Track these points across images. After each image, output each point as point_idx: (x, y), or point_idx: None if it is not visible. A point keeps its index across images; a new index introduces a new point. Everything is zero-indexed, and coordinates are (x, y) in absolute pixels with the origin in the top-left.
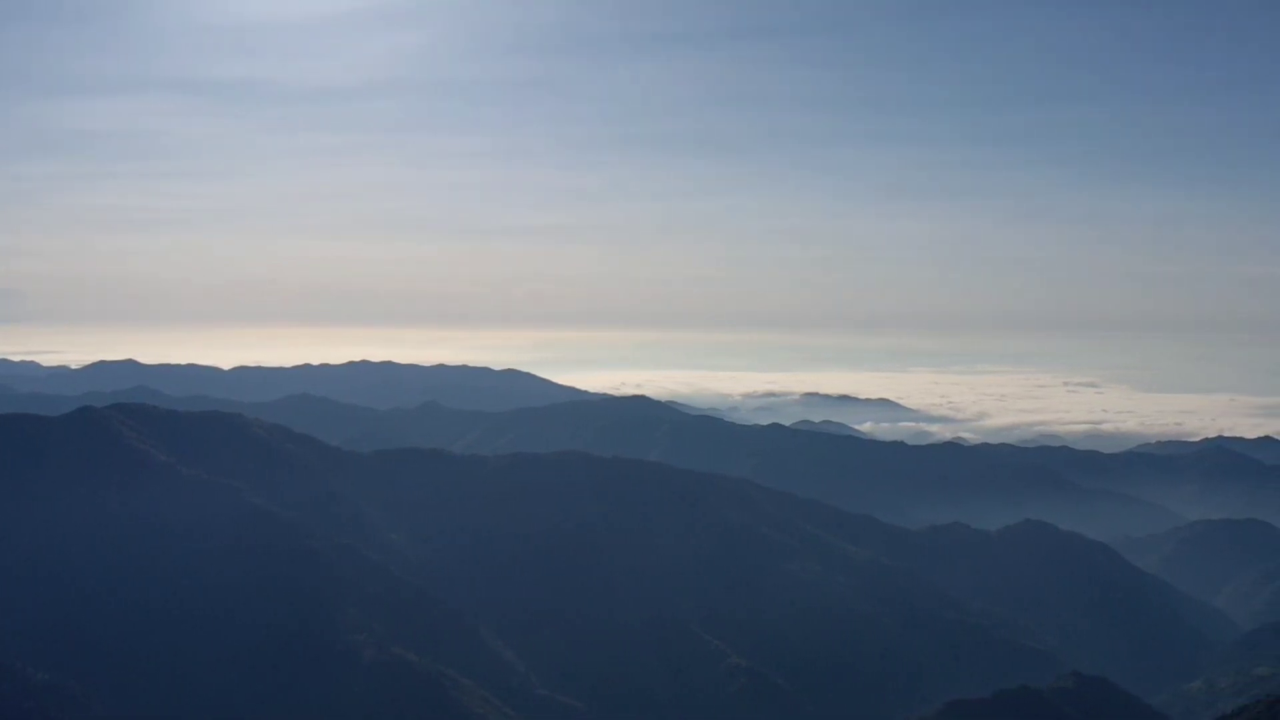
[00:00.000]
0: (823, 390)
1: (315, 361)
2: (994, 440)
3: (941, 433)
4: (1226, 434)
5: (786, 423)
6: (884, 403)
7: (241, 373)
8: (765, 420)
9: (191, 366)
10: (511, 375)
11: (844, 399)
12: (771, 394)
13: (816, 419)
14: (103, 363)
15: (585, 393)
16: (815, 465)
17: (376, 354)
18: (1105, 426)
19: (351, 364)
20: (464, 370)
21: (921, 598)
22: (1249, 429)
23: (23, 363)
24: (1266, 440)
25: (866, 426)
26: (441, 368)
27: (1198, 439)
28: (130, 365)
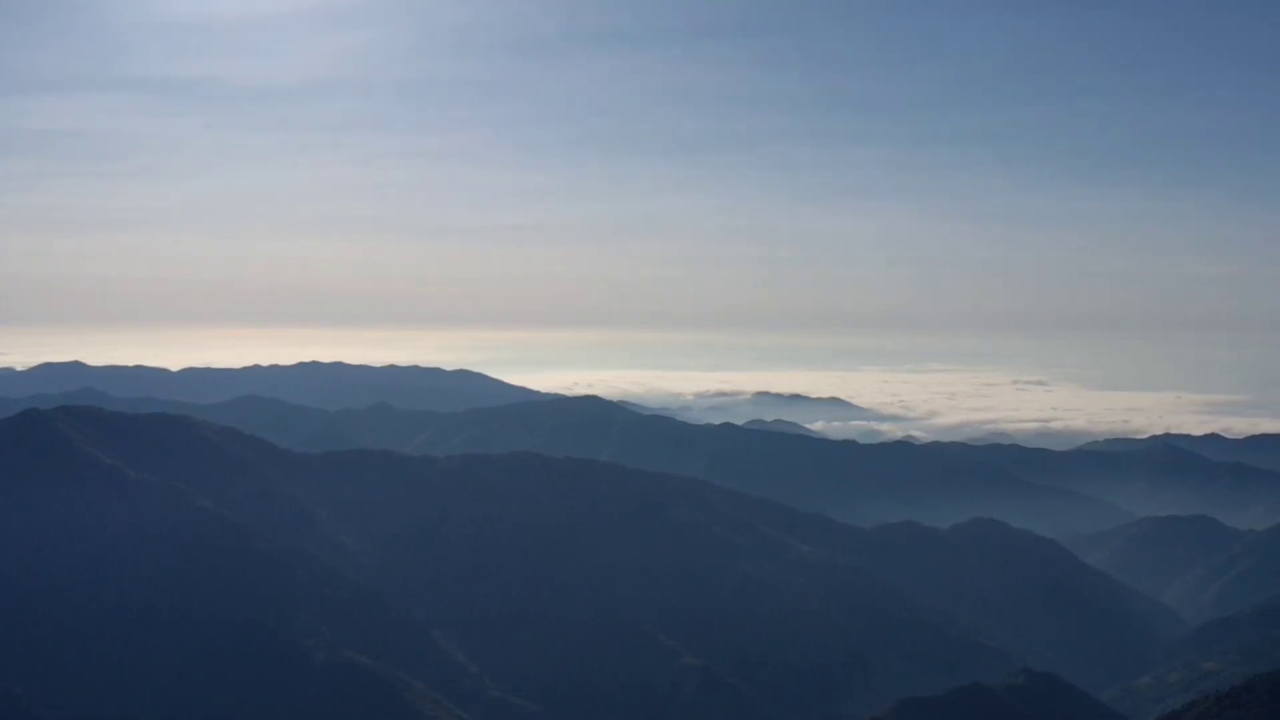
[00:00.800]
0: (774, 389)
1: (265, 363)
2: (945, 439)
3: (893, 431)
4: (1173, 431)
5: (739, 422)
6: (835, 402)
7: (190, 374)
8: (717, 420)
9: (139, 368)
10: (463, 376)
11: (795, 398)
12: (723, 393)
13: (768, 418)
14: (49, 364)
15: (537, 393)
16: (767, 464)
17: (327, 355)
18: (1054, 424)
19: (301, 365)
20: (415, 371)
21: (874, 596)
22: (1195, 426)
23: None
24: (1213, 437)
25: (818, 425)
26: (392, 368)
27: (1145, 436)
28: (77, 367)
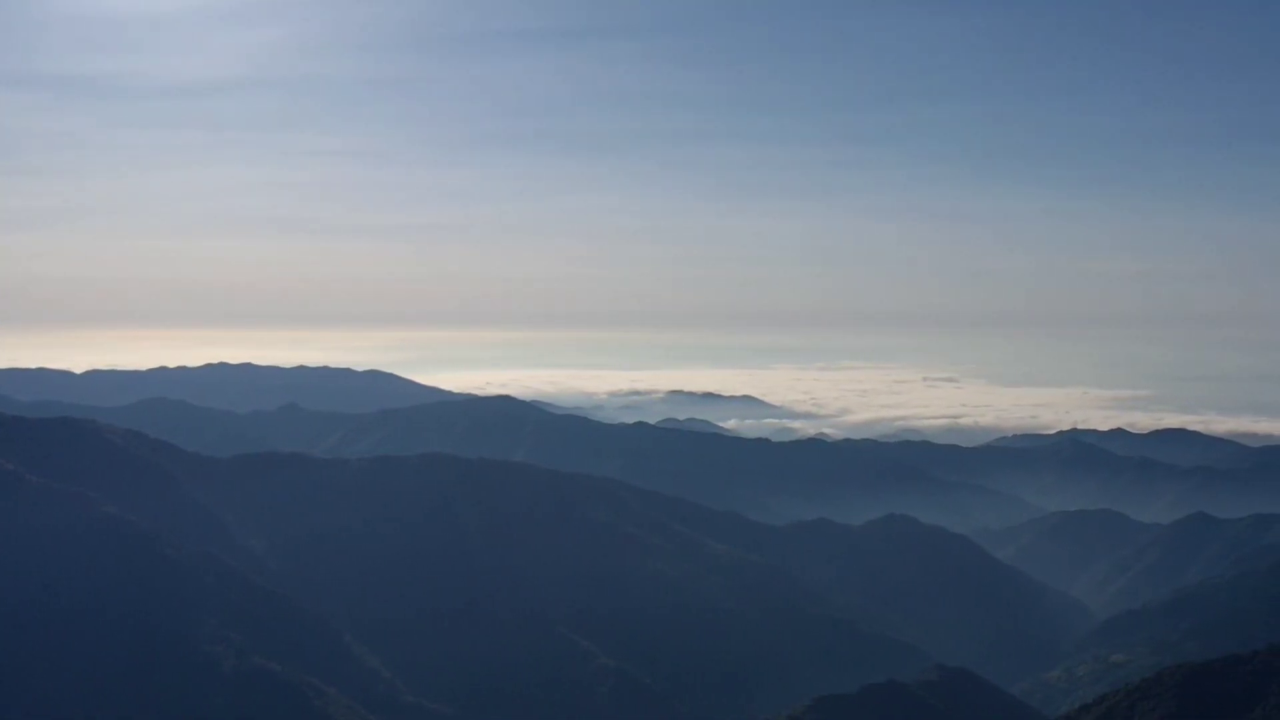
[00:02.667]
0: (687, 388)
1: (171, 364)
2: (856, 436)
3: (805, 429)
4: (1080, 427)
5: (652, 421)
6: (748, 400)
7: (94, 376)
8: (631, 419)
9: (41, 370)
10: (374, 376)
11: (708, 396)
12: (636, 392)
13: (681, 416)
14: None
15: (449, 393)
16: (681, 463)
17: (235, 355)
18: (964, 421)
19: (209, 366)
20: (325, 371)
21: (788, 594)
22: (1102, 421)
23: None
24: (1118, 432)
25: (731, 424)
26: (302, 369)
27: (1053, 432)
28: None
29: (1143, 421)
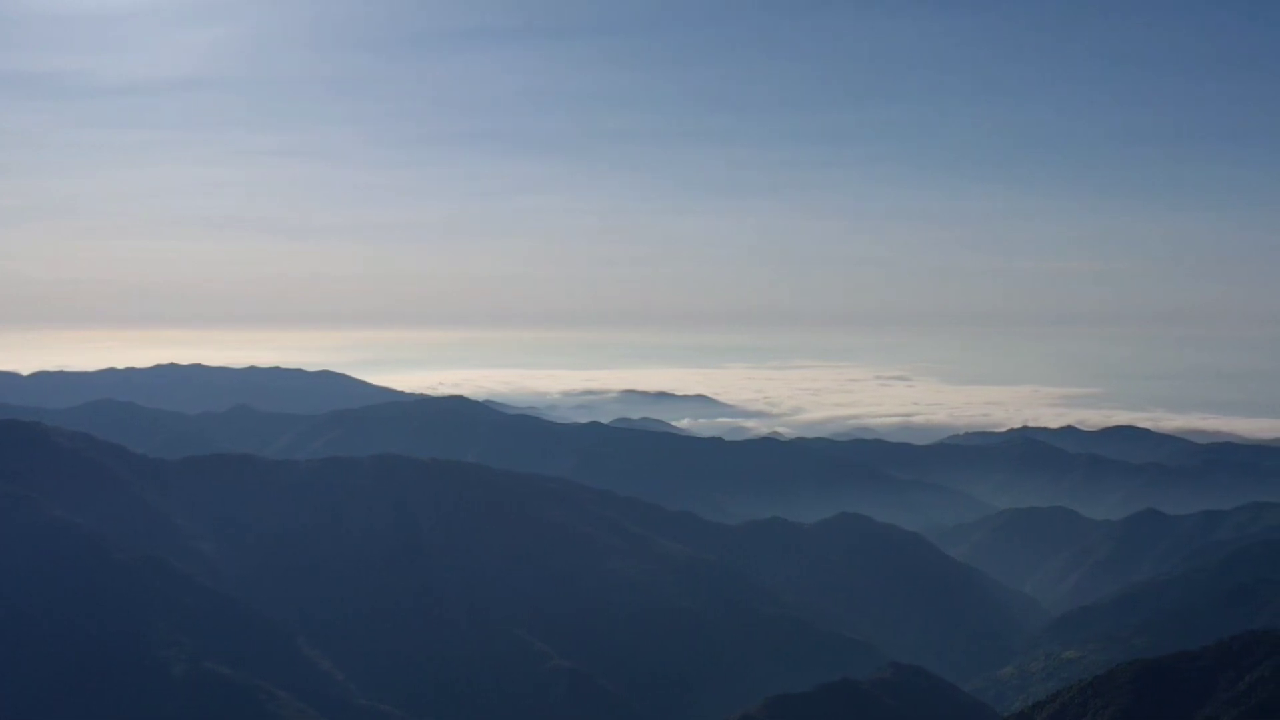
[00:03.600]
0: (640, 387)
1: (120, 365)
2: (809, 434)
3: (758, 428)
4: (1031, 424)
5: (605, 420)
6: (701, 399)
7: (41, 378)
8: (584, 418)
9: None
10: (325, 376)
11: (661, 396)
12: (590, 392)
13: (635, 416)
14: None
15: (401, 393)
16: (634, 462)
17: (185, 356)
18: (916, 419)
19: (159, 367)
20: (276, 372)
21: (742, 593)
22: (1052, 419)
23: None
24: (1069, 430)
25: (684, 423)
26: (253, 370)
27: (1004, 430)
28: None
29: (1093, 419)
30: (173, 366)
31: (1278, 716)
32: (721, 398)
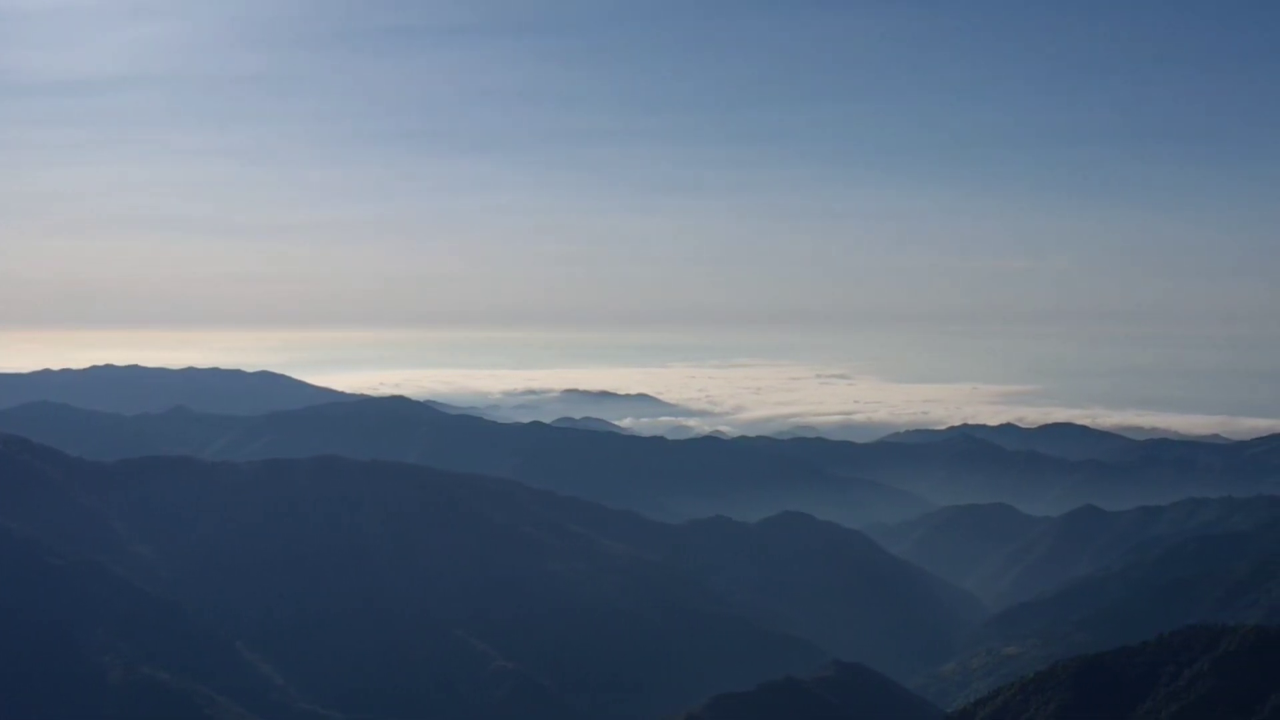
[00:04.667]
0: (582, 387)
1: (55, 366)
2: (751, 433)
3: (700, 427)
4: (971, 422)
5: (547, 420)
6: (643, 398)
7: None
8: (526, 418)
9: None
10: (264, 377)
11: (603, 395)
12: (531, 391)
13: (577, 415)
14: None
15: (341, 394)
16: (576, 462)
17: (121, 357)
18: (857, 417)
19: (94, 368)
20: (214, 373)
21: (684, 592)
22: (991, 416)
23: None
24: (1008, 427)
25: (626, 422)
26: (190, 370)
27: (944, 427)
28: None
29: (1031, 416)
30: (109, 367)
31: (1217, 710)
32: (664, 397)
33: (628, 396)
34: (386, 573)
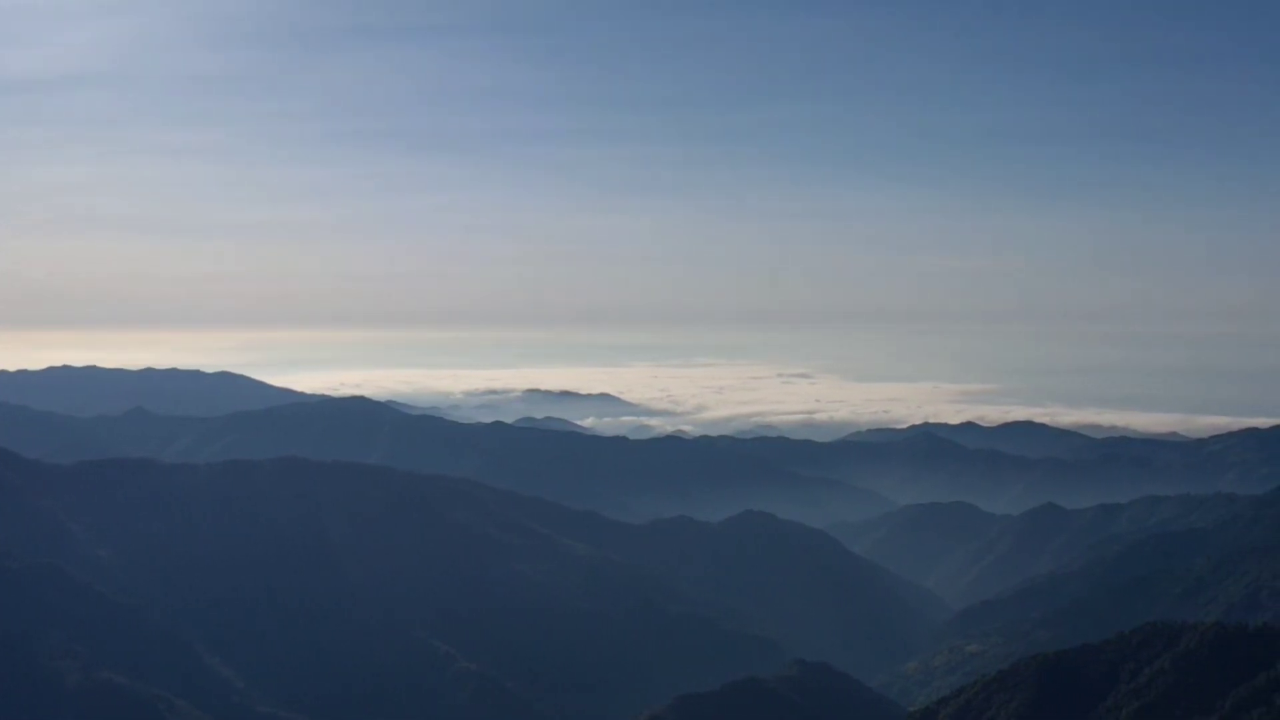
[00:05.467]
0: (544, 386)
1: (11, 367)
2: (714, 432)
3: (662, 426)
4: (932, 421)
5: (509, 420)
6: (605, 398)
7: None
8: (488, 418)
9: None
10: (224, 378)
11: (565, 395)
12: (493, 391)
13: (539, 415)
14: None
15: (302, 394)
16: (539, 462)
17: (79, 358)
18: (819, 416)
19: (51, 369)
20: (173, 374)
21: (648, 592)
22: (952, 415)
23: None
24: (969, 426)
25: (588, 421)
26: (149, 371)
27: (905, 426)
28: None
29: (991, 415)
30: (66, 369)
31: (1178, 707)
32: (625, 396)
33: (590, 396)
34: (348, 575)
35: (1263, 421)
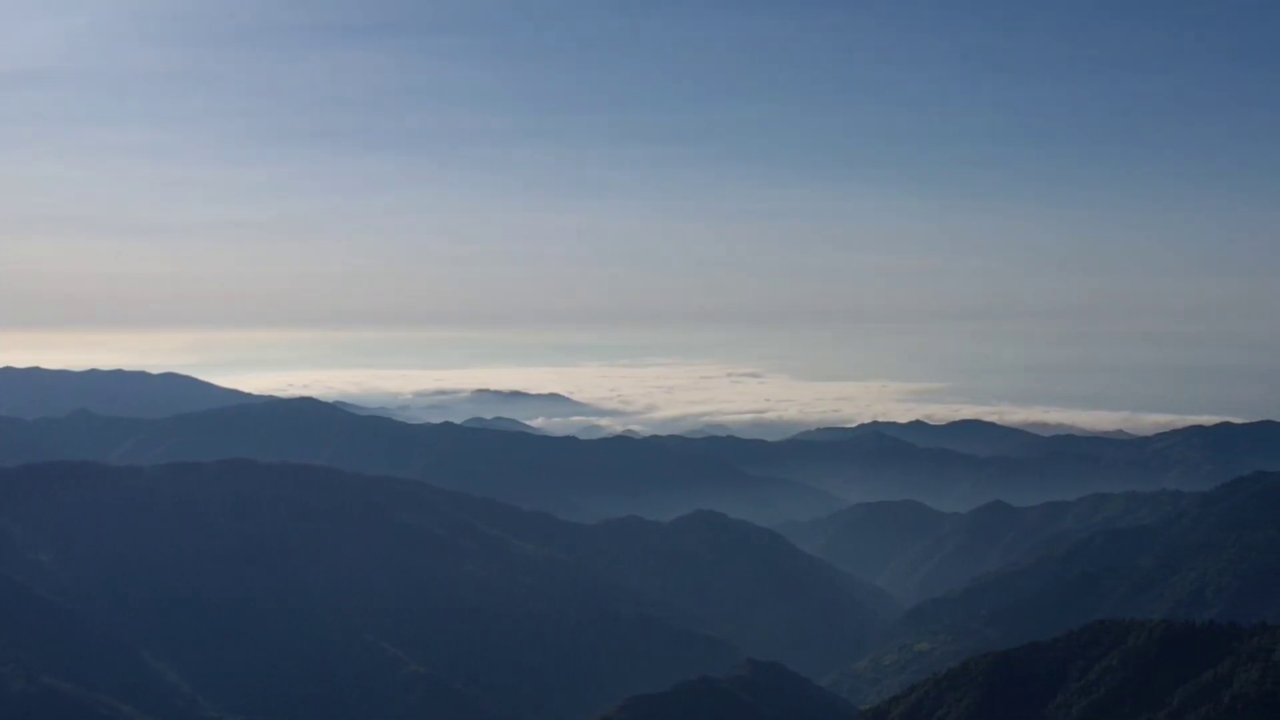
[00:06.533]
0: (493, 387)
1: None
2: (664, 432)
3: (612, 426)
4: (881, 419)
5: (458, 420)
6: (555, 398)
7: None
8: (437, 419)
9: None
10: (170, 379)
11: (515, 395)
12: (442, 391)
13: (488, 415)
14: None
15: (249, 395)
16: (488, 463)
17: (21, 359)
18: (768, 415)
19: None
20: (118, 375)
21: (599, 593)
22: (901, 414)
23: None
24: (917, 424)
25: (538, 422)
26: (94, 373)
27: (854, 425)
28: None
29: (940, 413)
30: (8, 370)
31: (1126, 704)
32: (575, 396)
33: (539, 396)
34: (296, 577)
35: (1207, 419)
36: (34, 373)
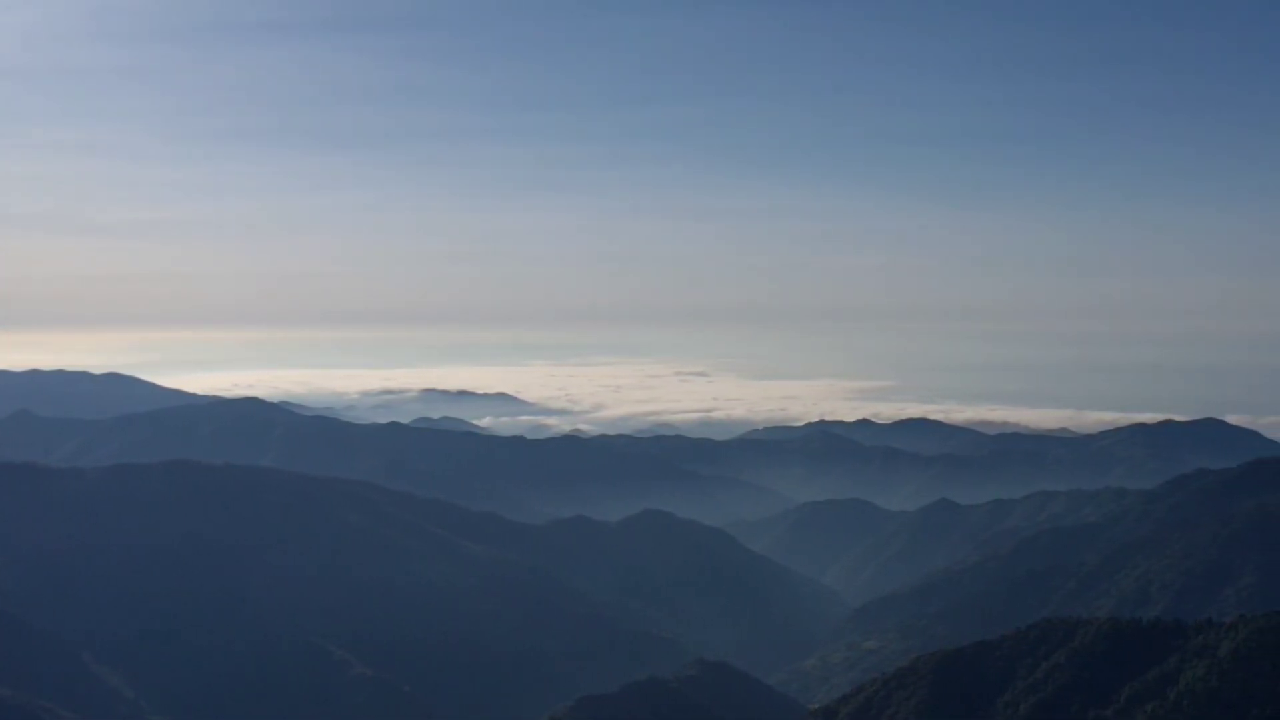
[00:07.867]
0: (441, 386)
1: None
2: (612, 431)
3: (560, 425)
4: (828, 418)
5: (405, 420)
6: (502, 397)
7: None
8: (384, 419)
9: None
10: (112, 379)
11: (462, 394)
12: (389, 391)
13: (435, 415)
14: None
15: (193, 396)
16: (436, 463)
17: None
18: (716, 414)
19: None
20: (60, 375)
21: (547, 593)
22: (848, 412)
23: None
24: (864, 423)
25: (486, 421)
26: (35, 373)
27: (802, 424)
28: None
29: (886, 412)
30: None
31: (1074, 702)
32: (523, 395)
33: (487, 396)
34: (241, 579)
35: (1149, 417)
36: None
